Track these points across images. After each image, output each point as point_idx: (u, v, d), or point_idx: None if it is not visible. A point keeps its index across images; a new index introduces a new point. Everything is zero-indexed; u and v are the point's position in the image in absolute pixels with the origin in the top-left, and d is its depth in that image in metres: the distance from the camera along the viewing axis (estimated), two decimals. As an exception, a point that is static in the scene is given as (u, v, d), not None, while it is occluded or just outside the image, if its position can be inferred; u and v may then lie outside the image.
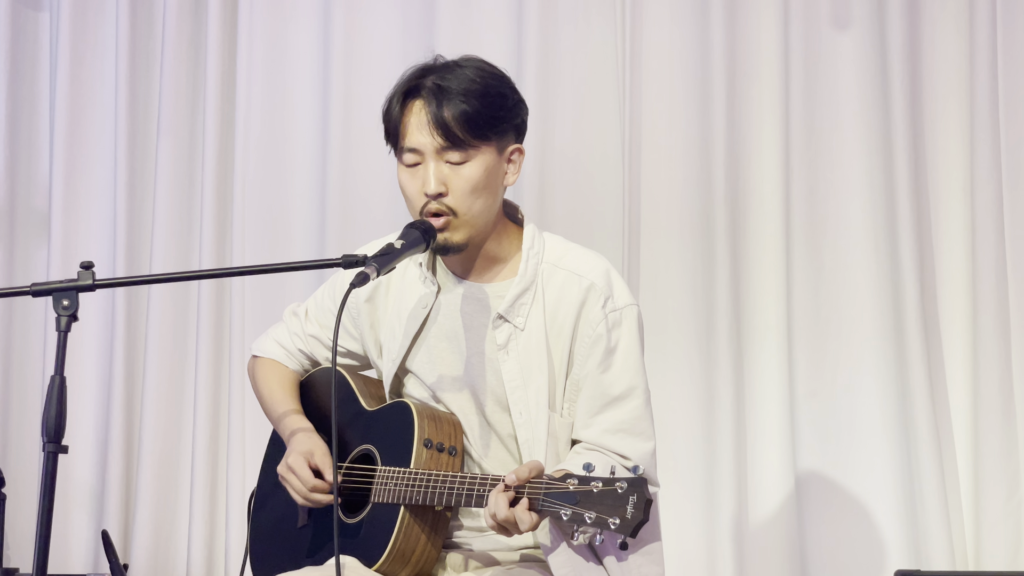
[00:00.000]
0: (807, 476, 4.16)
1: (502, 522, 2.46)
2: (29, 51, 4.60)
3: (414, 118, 2.65)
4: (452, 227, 2.66)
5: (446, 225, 2.66)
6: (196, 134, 4.50)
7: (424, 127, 2.64)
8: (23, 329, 4.56)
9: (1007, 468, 4.05)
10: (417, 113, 2.65)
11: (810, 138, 4.22)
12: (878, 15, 4.18)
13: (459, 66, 2.68)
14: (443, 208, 2.65)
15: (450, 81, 2.64)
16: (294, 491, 2.77)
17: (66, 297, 2.41)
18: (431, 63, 2.70)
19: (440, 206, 2.65)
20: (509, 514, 2.45)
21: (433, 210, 2.65)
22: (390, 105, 2.69)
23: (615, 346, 2.69)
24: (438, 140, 2.63)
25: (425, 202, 2.65)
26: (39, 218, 4.57)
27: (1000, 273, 4.10)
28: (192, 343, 4.45)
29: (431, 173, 2.64)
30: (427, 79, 2.66)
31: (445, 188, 2.64)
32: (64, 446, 2.37)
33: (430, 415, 2.73)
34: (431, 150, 2.64)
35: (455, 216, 2.65)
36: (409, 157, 2.67)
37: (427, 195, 2.65)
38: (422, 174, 2.66)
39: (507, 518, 2.45)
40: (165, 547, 4.40)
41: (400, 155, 2.69)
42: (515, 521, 2.44)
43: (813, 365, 4.19)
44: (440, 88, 2.63)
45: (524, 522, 2.44)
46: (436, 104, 2.62)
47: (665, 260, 4.24)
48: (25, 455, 4.50)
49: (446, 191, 2.65)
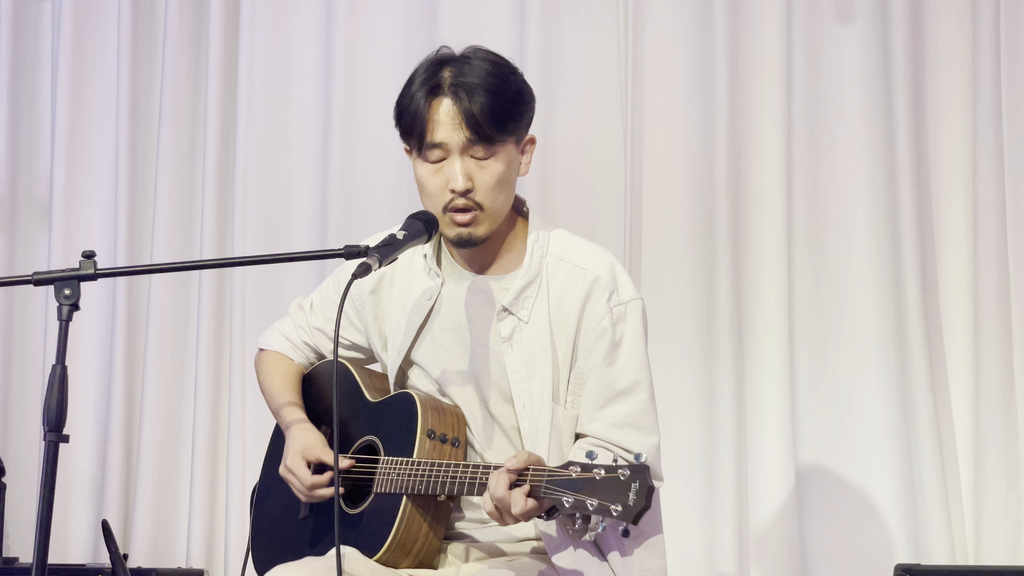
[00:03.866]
0: (808, 471, 4.16)
1: (498, 502, 2.46)
2: (31, 41, 4.59)
3: (442, 114, 2.63)
4: (478, 221, 2.66)
5: (472, 220, 2.65)
6: (197, 125, 4.50)
7: (454, 123, 2.62)
8: (24, 318, 4.55)
9: (1007, 463, 4.05)
10: (446, 109, 2.63)
11: (812, 134, 4.22)
12: (881, 10, 4.17)
13: (471, 59, 2.66)
14: (470, 203, 2.64)
15: (470, 76, 2.62)
16: (297, 492, 2.79)
17: (68, 286, 2.40)
18: (441, 56, 2.68)
19: (467, 202, 2.64)
20: (506, 494, 2.44)
21: (460, 205, 2.64)
22: (412, 102, 2.66)
23: (620, 340, 2.69)
24: (467, 136, 2.62)
25: (451, 198, 2.65)
26: (40, 208, 4.57)
27: (1002, 269, 4.10)
28: (193, 334, 4.45)
29: (458, 169, 2.63)
30: (445, 75, 2.64)
31: (472, 184, 2.64)
32: (65, 435, 2.37)
33: (433, 406, 2.73)
34: (458, 146, 2.63)
35: (481, 211, 2.65)
36: (434, 153, 2.65)
37: (454, 191, 2.64)
38: (447, 170, 2.64)
39: (503, 498, 2.45)
40: (165, 537, 4.40)
41: (424, 152, 2.66)
42: (509, 504, 2.44)
43: (814, 361, 4.19)
44: (464, 83, 2.61)
45: (518, 504, 2.43)
46: (466, 99, 2.61)
47: (666, 256, 4.24)
48: (25, 444, 4.50)
49: (473, 187, 2.64)
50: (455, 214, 2.65)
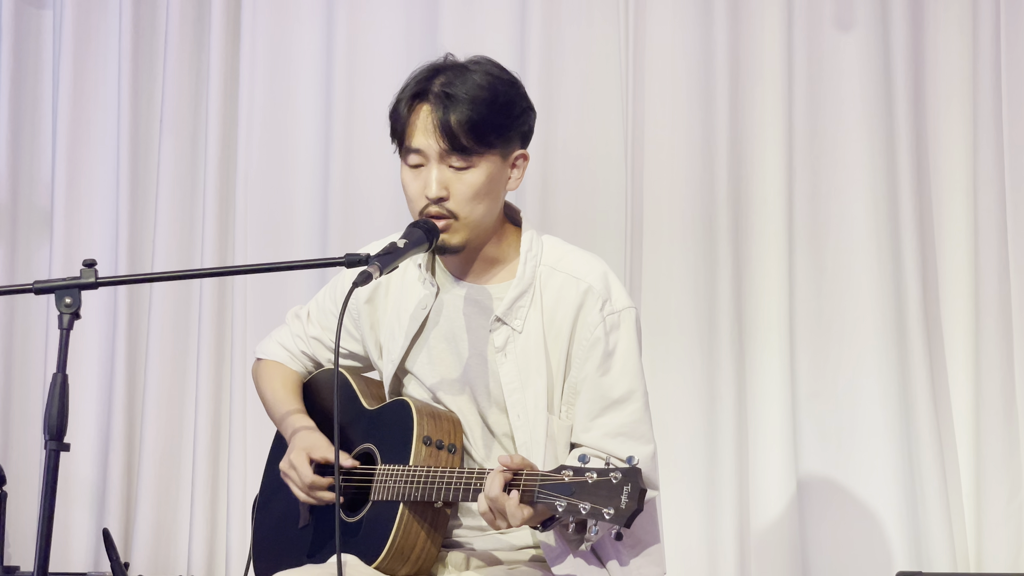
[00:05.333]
0: (809, 478, 4.16)
1: (492, 502, 2.46)
2: (32, 49, 4.60)
3: (420, 121, 2.65)
4: (452, 230, 2.67)
5: (446, 228, 2.66)
6: (199, 133, 4.51)
7: (429, 131, 2.63)
8: (25, 327, 4.56)
9: (1008, 470, 4.05)
10: (424, 116, 2.64)
11: (813, 139, 4.22)
12: (881, 17, 4.18)
13: (469, 69, 2.67)
14: (443, 211, 2.66)
15: (458, 87, 2.63)
16: (295, 487, 2.78)
17: (69, 295, 2.41)
18: (441, 63, 2.70)
19: (440, 209, 2.65)
20: (500, 495, 2.44)
21: (433, 213, 2.66)
22: (398, 105, 2.69)
23: (613, 349, 2.69)
24: (442, 145, 2.63)
25: (426, 204, 2.66)
26: (41, 216, 4.57)
27: (1002, 275, 4.10)
28: (193, 342, 4.45)
29: (433, 177, 2.64)
30: (435, 82, 2.65)
31: (447, 192, 2.65)
32: (66, 444, 2.37)
33: (429, 413, 2.73)
34: (435, 154, 2.64)
35: (455, 220, 2.66)
36: (413, 158, 2.67)
37: (428, 198, 2.65)
38: (424, 176, 2.66)
39: (496, 498, 2.45)
40: (166, 545, 4.40)
41: (404, 155, 2.69)
42: (504, 508, 2.44)
43: (815, 367, 4.19)
44: (448, 94, 2.62)
45: (515, 517, 2.44)
46: (443, 109, 2.62)
47: (667, 260, 4.24)
48: (26, 453, 4.51)
49: (447, 195, 2.65)
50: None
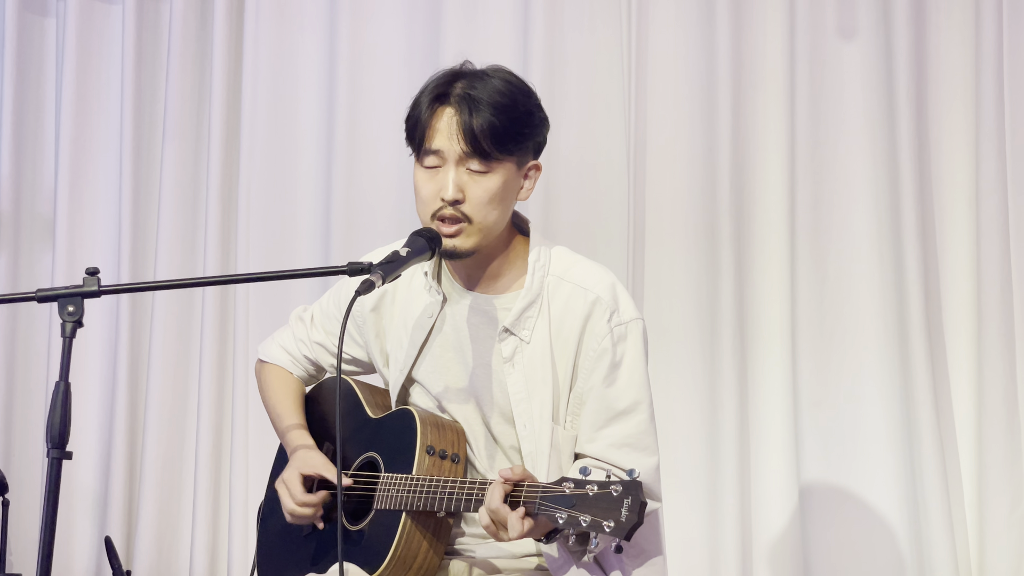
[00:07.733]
0: (811, 485, 4.15)
1: (492, 513, 2.46)
2: (35, 56, 4.61)
3: (443, 123, 2.65)
4: (465, 233, 2.66)
5: (459, 231, 2.66)
6: (201, 141, 4.51)
7: (452, 133, 2.64)
8: (27, 335, 4.56)
9: (1011, 479, 4.04)
10: (447, 119, 2.65)
11: (815, 146, 4.22)
12: (884, 24, 4.17)
13: (488, 76, 2.68)
14: (458, 214, 2.65)
15: (480, 91, 2.64)
16: (283, 505, 2.78)
17: (71, 303, 2.41)
18: (460, 69, 2.70)
19: (455, 212, 2.65)
20: (501, 506, 2.45)
21: (447, 215, 2.65)
22: (418, 107, 2.68)
23: (620, 360, 2.69)
24: (464, 148, 2.63)
25: (440, 206, 2.66)
26: (44, 224, 4.58)
27: (1005, 282, 4.09)
28: (196, 350, 4.45)
29: (451, 179, 2.64)
30: (457, 85, 2.66)
31: (462, 195, 2.65)
32: (68, 452, 2.37)
33: (433, 422, 2.73)
34: (454, 157, 2.65)
35: (469, 223, 2.66)
36: (431, 159, 2.67)
37: (444, 200, 2.65)
38: (441, 178, 2.66)
39: (497, 509, 2.45)
40: (168, 553, 4.40)
41: (421, 156, 2.69)
42: (504, 520, 2.44)
43: (817, 373, 4.18)
44: (471, 97, 2.63)
45: (516, 529, 2.44)
46: (467, 112, 2.62)
47: (669, 267, 4.24)
48: (29, 461, 4.51)
49: (463, 198, 2.65)
50: (442, 224, 2.66)
